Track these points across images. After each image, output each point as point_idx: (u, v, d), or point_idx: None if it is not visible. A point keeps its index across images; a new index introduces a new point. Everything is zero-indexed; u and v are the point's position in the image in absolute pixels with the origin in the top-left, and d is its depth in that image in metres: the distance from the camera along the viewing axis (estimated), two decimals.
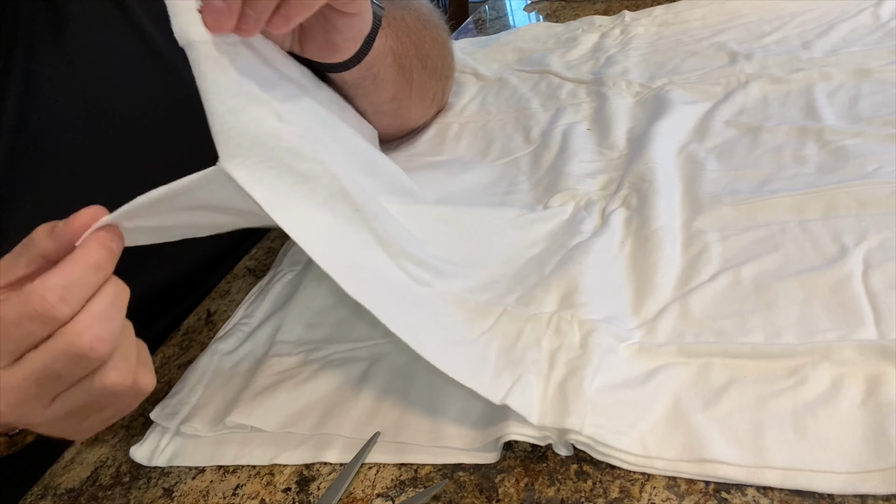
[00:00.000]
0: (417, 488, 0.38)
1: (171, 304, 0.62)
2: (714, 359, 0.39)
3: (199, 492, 0.42)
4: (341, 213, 0.41)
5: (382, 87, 0.62)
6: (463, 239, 0.50)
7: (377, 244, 0.42)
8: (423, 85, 0.70)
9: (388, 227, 0.43)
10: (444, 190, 0.60)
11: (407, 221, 0.47)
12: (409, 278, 0.44)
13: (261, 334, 0.52)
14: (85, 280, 0.32)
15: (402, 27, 0.64)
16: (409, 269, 0.44)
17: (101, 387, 0.34)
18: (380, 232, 0.42)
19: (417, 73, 0.67)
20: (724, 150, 0.58)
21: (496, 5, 1.25)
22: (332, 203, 0.40)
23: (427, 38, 0.69)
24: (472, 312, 0.44)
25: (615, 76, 0.76)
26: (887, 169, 0.49)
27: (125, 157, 0.56)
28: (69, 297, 0.32)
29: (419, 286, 0.44)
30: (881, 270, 0.42)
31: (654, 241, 0.48)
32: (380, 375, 0.45)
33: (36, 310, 0.31)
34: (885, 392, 0.35)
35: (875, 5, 0.76)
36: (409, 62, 0.65)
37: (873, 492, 0.32)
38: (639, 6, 0.99)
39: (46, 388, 0.33)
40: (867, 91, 0.61)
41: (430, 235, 0.48)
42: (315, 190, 0.40)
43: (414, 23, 0.67)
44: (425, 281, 0.44)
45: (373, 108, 0.64)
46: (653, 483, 0.35)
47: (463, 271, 0.47)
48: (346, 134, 0.45)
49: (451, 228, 0.51)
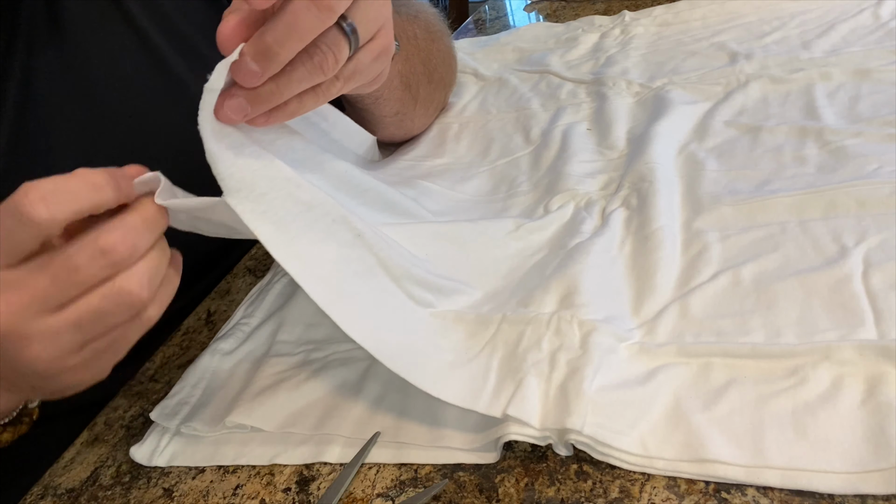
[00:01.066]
0: (417, 488, 0.38)
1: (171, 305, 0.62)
2: (714, 359, 0.39)
3: (199, 492, 0.42)
4: (344, 240, 0.41)
5: (385, 105, 0.62)
6: (464, 255, 0.51)
7: (380, 267, 0.43)
8: (428, 97, 0.70)
9: (389, 251, 0.43)
10: (446, 201, 0.61)
11: (407, 241, 0.47)
12: (411, 301, 0.44)
13: (261, 334, 0.52)
14: (77, 194, 0.33)
15: (413, 47, 0.64)
16: (412, 290, 0.44)
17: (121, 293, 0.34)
18: (382, 256, 0.43)
19: (423, 88, 0.67)
20: (724, 150, 0.58)
21: (496, 5, 1.25)
22: (334, 229, 0.41)
23: (435, 52, 0.69)
24: (473, 325, 0.44)
25: (615, 76, 0.76)
26: (887, 169, 0.49)
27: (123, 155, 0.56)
28: (50, 200, 0.32)
29: (421, 308, 0.45)
30: (881, 270, 0.42)
31: (654, 241, 0.48)
32: (380, 375, 0.45)
33: (13, 204, 0.32)
34: (885, 392, 0.35)
35: (875, 5, 0.76)
36: (415, 80, 0.65)
37: (873, 492, 0.32)
38: (639, 6, 0.99)
39: (86, 331, 0.34)
40: (867, 91, 0.61)
41: (431, 253, 0.48)
42: (318, 218, 0.40)
43: (424, 39, 0.67)
44: (427, 301, 0.45)
45: (375, 119, 0.64)
46: (653, 483, 0.35)
47: (465, 288, 0.47)
48: (340, 167, 0.46)
49: (452, 245, 0.51)
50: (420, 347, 0.42)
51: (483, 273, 0.49)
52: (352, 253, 0.42)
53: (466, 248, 0.51)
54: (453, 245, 0.51)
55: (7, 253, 0.32)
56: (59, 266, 0.33)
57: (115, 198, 0.34)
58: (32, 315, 0.33)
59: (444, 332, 0.44)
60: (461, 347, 0.43)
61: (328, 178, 0.45)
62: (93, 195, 0.33)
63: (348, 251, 0.42)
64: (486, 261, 0.51)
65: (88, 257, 0.33)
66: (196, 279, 0.64)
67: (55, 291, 0.33)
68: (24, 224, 0.32)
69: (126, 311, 0.34)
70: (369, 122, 0.65)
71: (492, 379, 0.40)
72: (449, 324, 0.45)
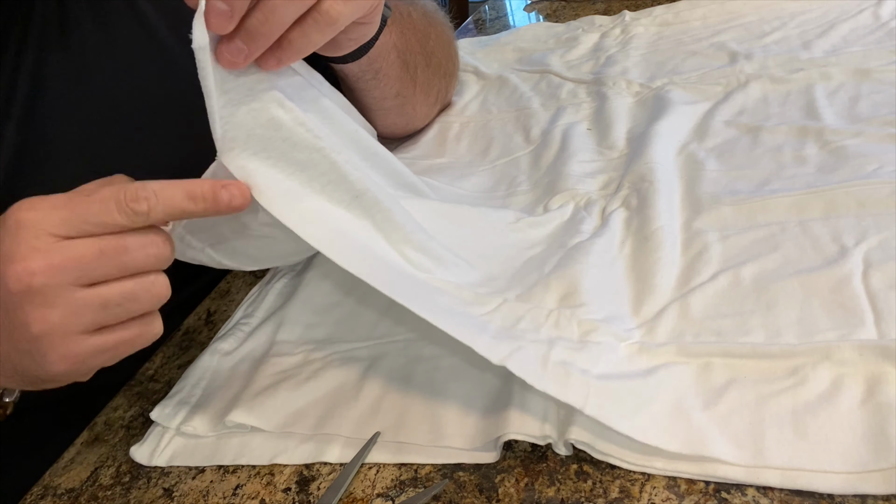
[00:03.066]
0: (417, 488, 0.38)
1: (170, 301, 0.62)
2: (714, 359, 0.39)
3: (199, 492, 0.42)
4: (339, 200, 0.41)
5: (385, 83, 0.62)
6: (463, 236, 0.50)
7: (375, 230, 0.43)
8: (427, 82, 0.70)
9: (391, 214, 0.43)
10: (446, 194, 0.61)
11: None
12: (407, 264, 0.44)
13: (261, 334, 0.52)
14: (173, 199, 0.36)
15: (408, 24, 0.64)
16: (410, 254, 0.44)
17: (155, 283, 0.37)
18: (378, 219, 0.43)
19: (422, 70, 0.67)
20: (724, 150, 0.58)
21: (496, 5, 1.25)
22: (329, 190, 0.41)
23: (432, 36, 0.69)
24: (471, 298, 0.44)
25: (615, 76, 0.76)
26: (887, 169, 0.49)
27: (133, 153, 0.56)
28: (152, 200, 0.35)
29: (418, 272, 0.44)
30: (881, 270, 0.42)
31: (654, 241, 0.48)
32: (380, 375, 0.45)
33: (122, 194, 0.34)
34: (885, 392, 0.35)
35: (875, 5, 0.76)
36: (413, 59, 0.65)
37: (873, 492, 0.32)
38: (639, 6, 0.99)
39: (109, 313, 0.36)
40: (867, 91, 0.61)
41: (431, 228, 0.48)
42: (312, 178, 0.40)
43: (420, 20, 0.67)
44: (425, 267, 0.44)
45: (377, 103, 0.64)
46: (653, 483, 0.35)
47: (464, 264, 0.47)
48: (350, 126, 0.46)
49: (452, 224, 0.51)
50: (418, 291, 0.42)
51: (481, 255, 0.49)
52: (346, 214, 0.42)
53: (466, 229, 0.51)
54: (454, 224, 0.51)
55: (80, 226, 0.34)
56: (112, 244, 0.34)
57: (205, 209, 0.36)
58: (68, 282, 0.34)
59: (442, 292, 0.43)
60: (458, 308, 0.42)
61: (338, 134, 0.45)
62: (185, 204, 0.36)
63: (342, 212, 0.42)
64: (484, 243, 0.50)
65: (140, 244, 0.35)
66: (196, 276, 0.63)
67: (99, 265, 0.34)
68: (123, 211, 0.34)
69: (152, 303, 0.37)
70: (371, 108, 0.65)
71: (489, 332, 0.40)
72: (448, 289, 0.44)
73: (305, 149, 0.40)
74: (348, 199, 0.42)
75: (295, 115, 0.39)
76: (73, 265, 0.34)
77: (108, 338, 0.36)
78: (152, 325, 0.38)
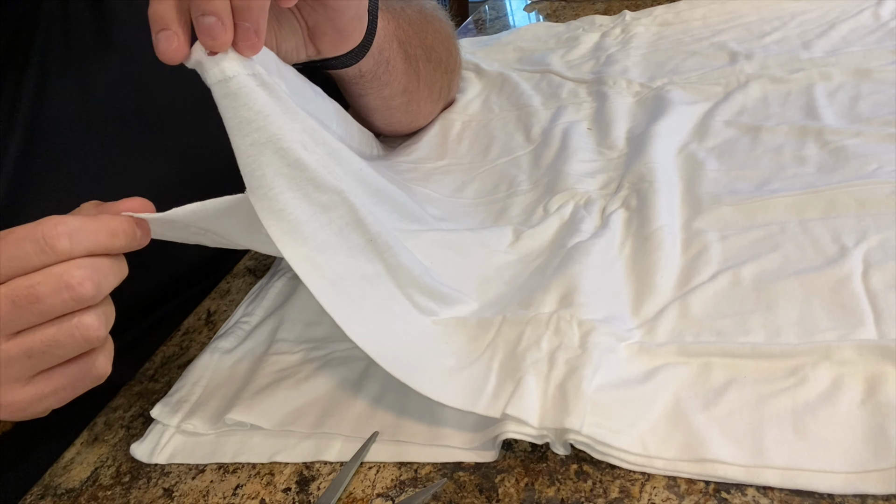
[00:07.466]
0: (417, 488, 0.38)
1: (170, 301, 0.62)
2: (714, 359, 0.39)
3: (199, 492, 0.42)
4: (355, 244, 0.42)
5: (394, 77, 0.62)
6: (467, 264, 0.51)
7: (387, 274, 0.43)
8: (429, 77, 0.70)
9: (400, 258, 0.44)
10: (447, 207, 0.61)
11: (413, 247, 0.48)
12: (415, 309, 0.45)
13: (261, 332, 0.52)
14: (96, 235, 0.34)
15: (403, 17, 0.64)
16: (417, 299, 0.45)
17: (78, 326, 0.34)
18: (391, 262, 0.43)
19: (423, 65, 0.67)
20: (724, 149, 0.58)
21: (496, 5, 1.25)
22: (347, 232, 0.42)
23: (430, 31, 0.69)
24: (475, 329, 0.44)
25: (615, 75, 0.76)
26: (887, 169, 0.49)
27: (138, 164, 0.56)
28: (74, 237, 0.33)
29: (424, 317, 0.45)
30: (881, 270, 0.42)
31: (654, 241, 0.48)
32: (379, 374, 0.45)
33: (40, 232, 0.32)
34: (885, 392, 0.35)
35: (875, 5, 0.76)
36: (413, 51, 0.65)
37: (873, 492, 0.32)
38: (639, 6, 0.99)
39: (36, 361, 0.34)
40: (867, 91, 0.61)
41: (435, 260, 0.49)
42: (332, 220, 0.41)
43: (415, 15, 0.67)
44: (431, 310, 0.45)
45: (385, 102, 0.64)
46: (653, 483, 0.35)
47: (466, 299, 0.48)
48: (356, 164, 0.46)
49: (456, 254, 0.51)
50: (421, 352, 0.43)
51: (486, 280, 0.50)
52: (361, 258, 0.42)
53: (470, 258, 0.52)
54: (458, 255, 0.51)
55: (8, 274, 0.33)
56: (22, 294, 0.33)
57: (126, 245, 0.35)
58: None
59: (446, 337, 0.44)
60: (463, 352, 0.43)
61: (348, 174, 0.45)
62: (108, 241, 0.35)
63: (358, 256, 0.42)
64: (488, 269, 0.51)
65: (52, 290, 0.33)
66: (197, 280, 0.64)
67: (14, 317, 0.33)
68: (44, 252, 0.33)
69: (79, 346, 0.34)
70: (378, 108, 0.65)
71: (492, 380, 0.40)
72: (451, 329, 0.45)
73: (326, 191, 0.40)
74: (363, 243, 0.42)
75: (317, 157, 0.40)
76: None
77: (45, 384, 0.35)
78: (93, 366, 0.36)
